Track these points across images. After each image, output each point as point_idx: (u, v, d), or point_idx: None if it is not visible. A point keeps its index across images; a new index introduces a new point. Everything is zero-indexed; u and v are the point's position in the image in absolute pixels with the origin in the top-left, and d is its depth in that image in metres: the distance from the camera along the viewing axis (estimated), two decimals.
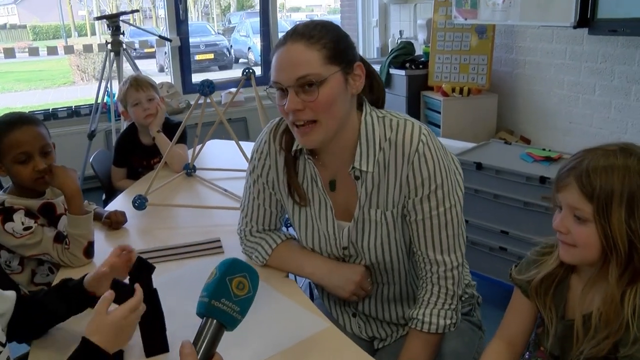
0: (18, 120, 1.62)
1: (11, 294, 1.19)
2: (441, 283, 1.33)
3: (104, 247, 1.73)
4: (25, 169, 1.61)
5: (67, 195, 1.61)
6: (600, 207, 1.04)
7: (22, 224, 1.58)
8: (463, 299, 1.48)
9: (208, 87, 1.93)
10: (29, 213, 1.62)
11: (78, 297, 1.22)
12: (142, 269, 1.15)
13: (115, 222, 1.87)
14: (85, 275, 1.24)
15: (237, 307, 0.88)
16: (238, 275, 0.89)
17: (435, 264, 1.32)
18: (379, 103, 1.39)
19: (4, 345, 1.11)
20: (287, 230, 1.63)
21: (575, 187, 1.08)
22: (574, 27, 3.09)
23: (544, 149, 2.78)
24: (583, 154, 1.10)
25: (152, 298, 1.14)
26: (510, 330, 1.29)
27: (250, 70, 2.23)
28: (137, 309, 1.07)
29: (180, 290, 1.40)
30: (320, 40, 1.20)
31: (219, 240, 1.72)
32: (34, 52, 5.36)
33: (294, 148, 1.36)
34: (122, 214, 1.90)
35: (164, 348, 1.19)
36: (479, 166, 2.67)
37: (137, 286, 1.10)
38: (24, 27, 21.64)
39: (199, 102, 2.04)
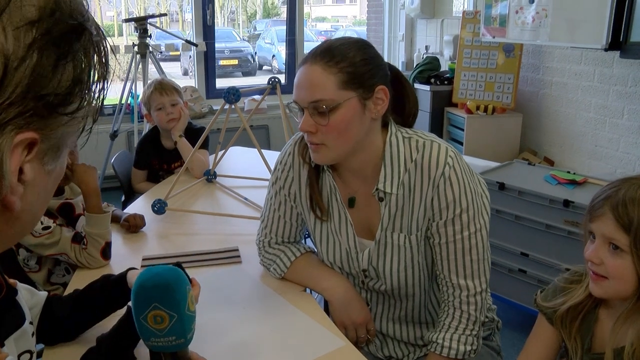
0: None
1: (42, 293, 1.18)
2: (463, 308, 1.29)
3: (120, 250, 1.72)
4: None
5: (84, 193, 1.62)
6: (638, 239, 1.01)
7: (41, 223, 1.58)
8: (484, 323, 1.44)
9: (233, 95, 1.92)
10: (47, 212, 1.62)
11: (119, 291, 1.18)
12: None
13: (133, 226, 1.86)
14: (128, 270, 1.21)
15: (172, 337, 0.81)
16: (149, 310, 0.79)
17: (458, 289, 1.29)
18: (409, 120, 1.37)
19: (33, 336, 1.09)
20: (306, 242, 1.61)
21: (610, 218, 1.04)
22: (605, 50, 3.04)
23: (568, 172, 2.73)
24: (619, 183, 1.07)
25: None
26: (532, 358, 1.25)
27: (276, 80, 2.22)
28: None
29: None
30: (338, 64, 1.19)
31: (237, 250, 1.70)
32: None
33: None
34: (141, 217, 1.89)
35: None
36: (501, 186, 2.63)
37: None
38: None
39: (224, 108, 2.03)
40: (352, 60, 1.19)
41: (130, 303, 1.06)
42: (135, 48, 4.07)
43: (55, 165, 0.52)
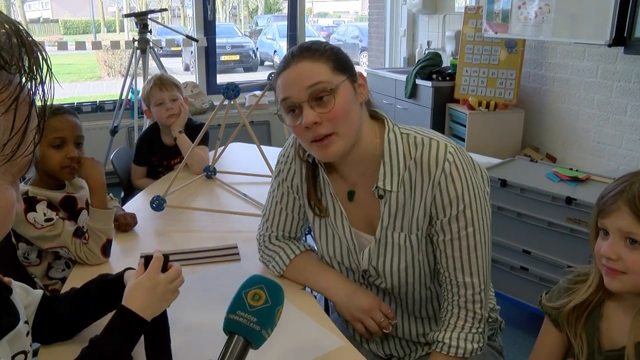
0: (59, 109, 1.66)
1: (38, 292, 1.17)
2: (469, 307, 1.27)
3: (118, 247, 1.71)
4: (58, 154, 1.61)
5: (91, 187, 1.61)
6: None
7: (44, 215, 1.57)
8: (488, 322, 1.43)
9: (233, 91, 1.90)
10: (50, 205, 1.61)
11: (116, 291, 1.15)
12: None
13: (123, 225, 1.83)
14: (125, 270, 1.19)
15: (254, 317, 0.86)
16: (254, 288, 0.89)
17: (463, 287, 1.27)
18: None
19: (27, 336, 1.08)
20: (307, 239, 1.60)
21: (627, 212, 1.03)
22: (609, 46, 3.02)
23: (571, 169, 2.71)
24: (630, 178, 1.06)
25: None
26: None
27: None
28: (158, 269, 1.10)
29: (190, 299, 1.35)
30: (324, 54, 1.22)
31: (236, 247, 1.69)
32: (62, 46, 5.40)
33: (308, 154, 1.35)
34: (132, 216, 1.86)
35: None
36: (503, 183, 2.61)
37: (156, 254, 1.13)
38: (56, 21, 22.06)
39: (224, 104, 2.01)
40: (332, 51, 1.24)
41: (123, 302, 1.05)
42: (136, 43, 4.05)
43: None
